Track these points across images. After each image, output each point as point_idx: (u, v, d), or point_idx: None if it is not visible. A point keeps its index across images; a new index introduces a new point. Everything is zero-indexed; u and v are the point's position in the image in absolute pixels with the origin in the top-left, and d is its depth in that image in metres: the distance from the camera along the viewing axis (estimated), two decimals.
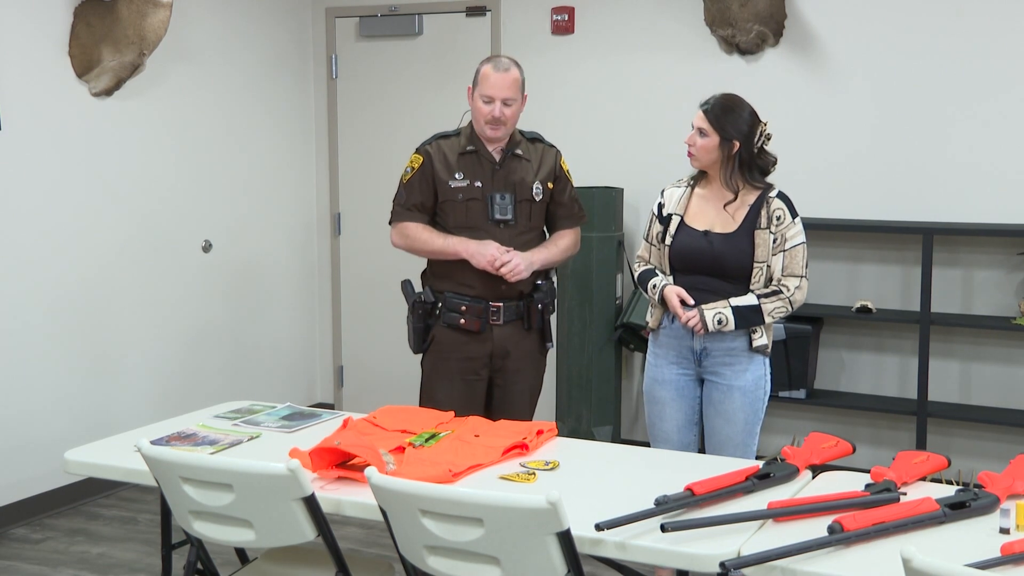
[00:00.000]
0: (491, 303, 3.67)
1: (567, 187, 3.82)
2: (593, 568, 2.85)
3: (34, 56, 4.53)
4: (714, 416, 3.40)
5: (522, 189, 3.70)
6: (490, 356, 3.71)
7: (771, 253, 3.30)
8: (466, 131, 3.75)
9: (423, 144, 3.76)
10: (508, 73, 3.62)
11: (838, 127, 4.96)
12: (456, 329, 3.69)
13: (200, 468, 2.56)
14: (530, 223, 3.73)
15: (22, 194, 4.52)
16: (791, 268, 3.32)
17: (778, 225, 3.31)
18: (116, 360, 4.97)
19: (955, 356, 4.85)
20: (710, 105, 3.34)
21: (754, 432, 3.40)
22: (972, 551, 2.11)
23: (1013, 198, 4.67)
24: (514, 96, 3.63)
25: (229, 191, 5.53)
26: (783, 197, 3.36)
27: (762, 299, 3.27)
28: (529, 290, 3.73)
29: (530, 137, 3.81)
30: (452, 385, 3.70)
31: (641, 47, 5.30)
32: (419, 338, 3.76)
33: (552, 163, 3.79)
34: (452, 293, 3.69)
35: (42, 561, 4.23)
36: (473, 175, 3.68)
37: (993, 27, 4.65)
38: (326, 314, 6.19)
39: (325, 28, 6.02)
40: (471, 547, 2.27)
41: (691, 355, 3.39)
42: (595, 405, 5.16)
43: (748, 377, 3.35)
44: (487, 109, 3.61)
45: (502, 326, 3.69)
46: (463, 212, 3.67)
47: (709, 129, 3.31)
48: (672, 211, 3.43)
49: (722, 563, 2.16)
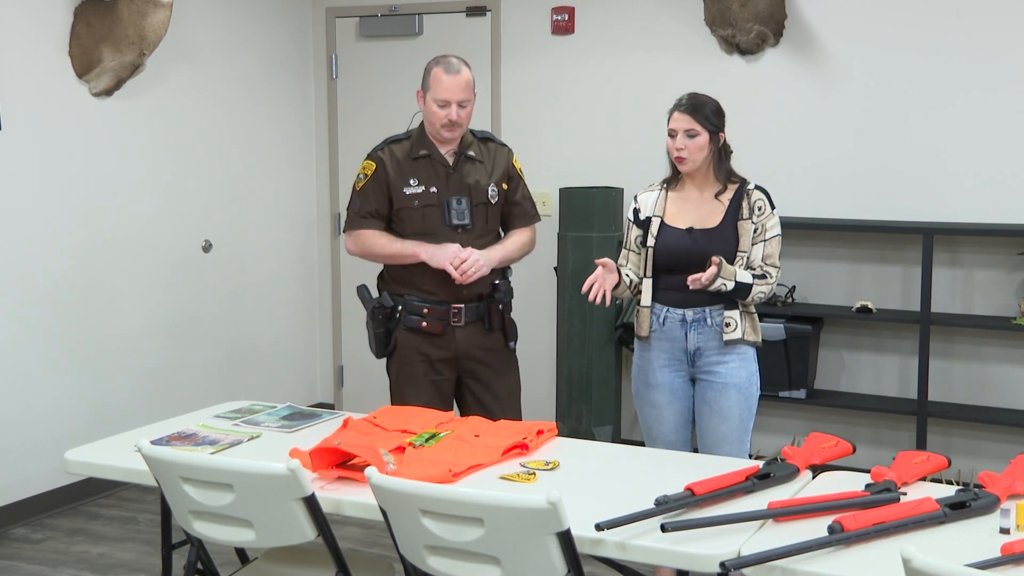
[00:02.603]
0: (452, 305, 3.66)
1: (520, 186, 3.80)
2: (593, 568, 2.85)
3: (34, 56, 4.53)
4: (708, 415, 3.40)
5: (477, 192, 3.67)
6: (455, 357, 3.70)
7: (752, 242, 3.34)
8: (416, 134, 3.71)
9: (374, 150, 3.74)
10: (461, 75, 3.59)
11: (838, 127, 4.96)
12: (417, 332, 3.67)
13: (200, 468, 2.56)
14: (487, 226, 3.71)
15: (22, 194, 4.52)
16: (772, 258, 3.37)
17: (759, 215, 3.36)
18: (116, 360, 4.96)
19: (955, 356, 4.85)
20: (687, 105, 3.36)
21: (748, 428, 3.41)
22: (972, 551, 2.11)
23: (1013, 198, 4.67)
24: (468, 97, 3.61)
25: (229, 191, 5.53)
26: (761, 189, 3.42)
27: (755, 279, 3.32)
28: (488, 291, 3.71)
29: (481, 137, 3.78)
30: (420, 387, 3.68)
31: (641, 47, 5.30)
32: (381, 343, 3.73)
33: (505, 163, 3.76)
34: (412, 296, 3.67)
35: (42, 561, 4.23)
36: (428, 180, 3.65)
37: (993, 26, 4.65)
38: (326, 314, 6.19)
39: (325, 28, 6.02)
40: (471, 547, 2.27)
41: (684, 355, 3.39)
42: (595, 405, 5.16)
43: (743, 374, 3.37)
44: (443, 113, 3.58)
45: (463, 327, 3.68)
46: (420, 218, 3.64)
47: (697, 128, 3.33)
48: (651, 214, 3.45)
49: (722, 563, 2.16)
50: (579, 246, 5.05)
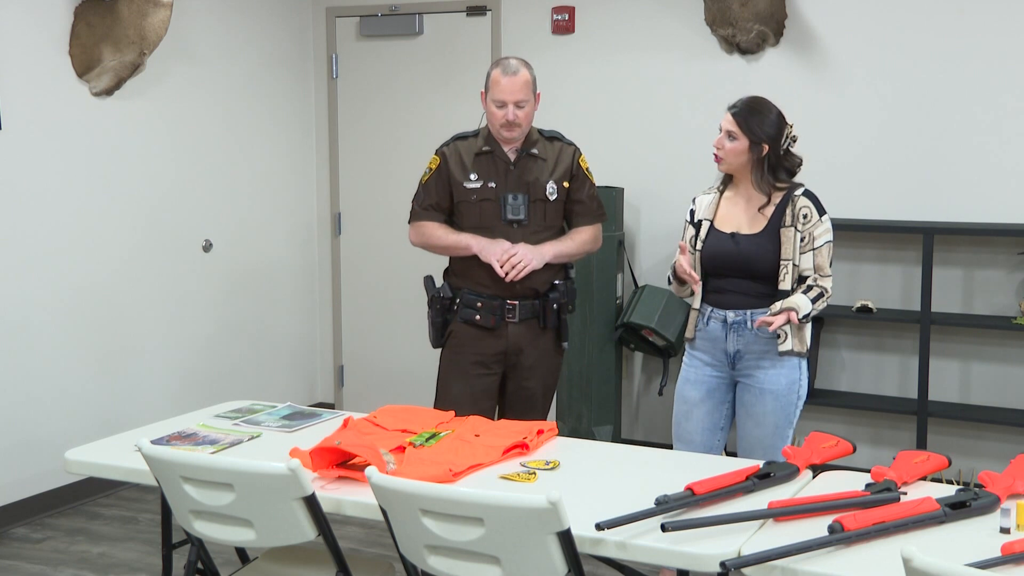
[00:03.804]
0: (507, 300, 3.71)
1: (585, 185, 3.84)
2: (593, 568, 2.86)
3: (34, 56, 4.53)
4: (745, 418, 3.40)
5: (536, 189, 3.73)
6: (504, 352, 3.76)
7: (799, 251, 3.30)
8: (484, 132, 3.80)
9: (441, 145, 3.84)
10: (518, 76, 3.65)
11: (838, 127, 4.95)
12: (472, 325, 3.74)
13: (201, 468, 2.56)
14: (544, 222, 3.76)
15: (22, 194, 4.52)
16: (823, 268, 3.33)
17: (805, 223, 3.31)
18: (116, 360, 4.96)
19: (955, 356, 4.85)
20: (739, 108, 3.33)
21: (785, 436, 3.37)
22: (972, 551, 2.11)
23: (1013, 198, 4.67)
24: (526, 97, 3.66)
25: (229, 191, 5.53)
26: (809, 195, 3.36)
27: (814, 303, 3.27)
28: (545, 289, 3.76)
29: (548, 136, 3.84)
30: (466, 379, 3.76)
31: (641, 47, 5.30)
32: (438, 333, 3.83)
33: (569, 162, 3.81)
34: (469, 290, 3.74)
35: (43, 561, 4.23)
36: (487, 176, 3.73)
37: (994, 26, 4.65)
38: (326, 314, 6.19)
39: (325, 28, 6.02)
40: (471, 547, 2.28)
41: (725, 357, 3.39)
42: (595, 405, 5.16)
43: (781, 380, 3.34)
44: (500, 113, 3.65)
45: (517, 324, 3.74)
46: (477, 212, 3.72)
47: (738, 132, 3.30)
48: (703, 216, 3.45)
49: (722, 563, 2.16)
50: None
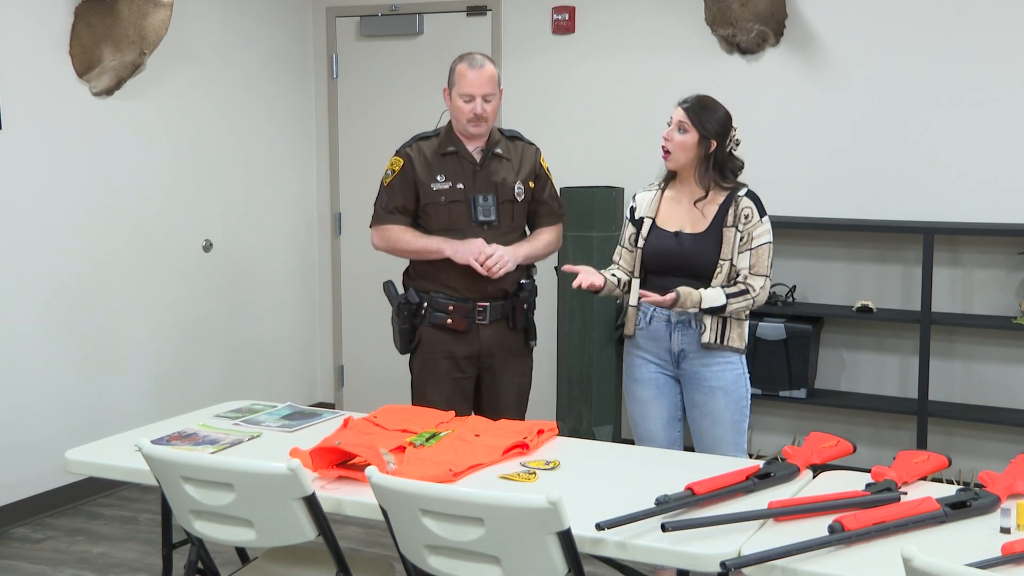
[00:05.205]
0: (477, 303, 3.68)
1: (547, 185, 3.84)
2: (594, 568, 2.85)
3: (34, 56, 4.53)
4: (700, 418, 3.40)
5: (504, 189, 3.71)
6: (478, 355, 3.73)
7: (737, 251, 3.31)
8: (445, 131, 3.76)
9: (403, 146, 3.78)
10: (484, 69, 3.64)
11: (838, 126, 4.96)
12: (442, 329, 3.69)
13: (201, 468, 2.56)
14: (513, 223, 3.75)
15: (22, 193, 4.52)
16: (757, 267, 3.33)
17: (746, 223, 3.32)
18: (116, 359, 4.97)
19: (955, 356, 4.85)
20: (690, 103, 3.36)
21: (742, 429, 3.40)
22: (973, 551, 2.11)
23: (1013, 198, 4.67)
24: (492, 91, 3.65)
25: (229, 190, 5.53)
26: (752, 196, 3.38)
27: (730, 298, 3.28)
28: (513, 289, 3.74)
29: (509, 135, 3.82)
30: (441, 384, 3.72)
31: (641, 47, 5.30)
32: (405, 339, 3.77)
33: (532, 161, 3.80)
34: (438, 293, 3.69)
35: (43, 561, 4.23)
36: (455, 177, 3.68)
37: (993, 26, 4.65)
38: (326, 314, 6.19)
39: (325, 28, 6.02)
40: (472, 547, 2.28)
41: (669, 356, 3.40)
42: (595, 405, 5.16)
43: (728, 376, 3.36)
44: (468, 107, 3.62)
45: (488, 325, 3.71)
46: (446, 214, 3.68)
47: (689, 125, 3.33)
48: (644, 214, 3.46)
49: (722, 563, 2.16)
50: (579, 246, 5.05)
